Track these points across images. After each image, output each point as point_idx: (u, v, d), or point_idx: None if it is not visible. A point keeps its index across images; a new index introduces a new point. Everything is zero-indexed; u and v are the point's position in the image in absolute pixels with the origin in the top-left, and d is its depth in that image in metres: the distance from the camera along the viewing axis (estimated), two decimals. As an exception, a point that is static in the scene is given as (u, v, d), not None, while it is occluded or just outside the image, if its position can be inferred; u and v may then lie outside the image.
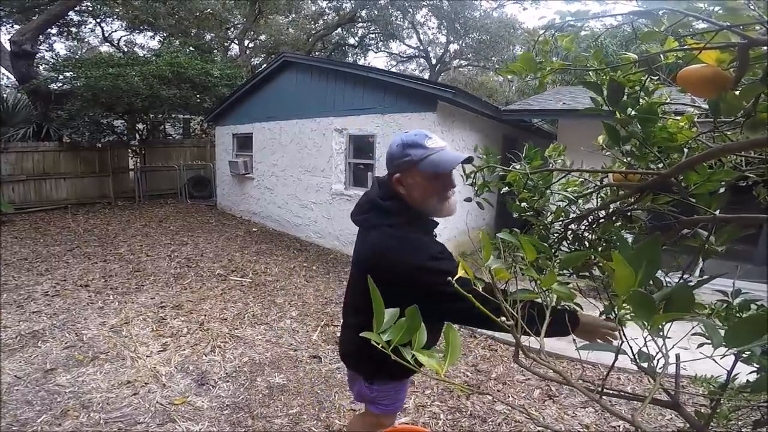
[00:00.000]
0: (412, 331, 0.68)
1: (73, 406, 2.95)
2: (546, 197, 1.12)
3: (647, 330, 0.57)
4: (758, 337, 0.52)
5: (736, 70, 0.71)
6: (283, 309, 4.84)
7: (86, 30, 17.55)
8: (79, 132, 10.48)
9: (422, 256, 1.40)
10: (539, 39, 0.97)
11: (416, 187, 1.47)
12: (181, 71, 10.66)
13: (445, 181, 1.47)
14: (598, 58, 0.94)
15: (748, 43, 0.65)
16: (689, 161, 0.76)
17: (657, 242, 0.57)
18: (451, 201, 1.50)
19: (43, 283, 5.33)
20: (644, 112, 0.88)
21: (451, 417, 2.98)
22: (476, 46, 20.49)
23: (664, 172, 0.82)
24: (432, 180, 1.45)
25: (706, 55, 0.76)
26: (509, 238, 0.89)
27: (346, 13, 20.51)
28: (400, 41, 23.15)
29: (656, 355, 0.69)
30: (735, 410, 0.95)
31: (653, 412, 3.04)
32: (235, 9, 18.70)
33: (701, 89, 0.78)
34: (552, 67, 0.97)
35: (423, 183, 1.45)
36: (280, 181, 8.81)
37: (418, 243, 1.44)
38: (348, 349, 1.78)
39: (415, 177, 1.46)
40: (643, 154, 0.93)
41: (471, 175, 1.30)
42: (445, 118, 6.06)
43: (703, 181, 0.87)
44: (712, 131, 0.94)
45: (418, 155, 1.43)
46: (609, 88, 0.87)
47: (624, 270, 0.54)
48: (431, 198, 1.47)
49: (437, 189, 1.47)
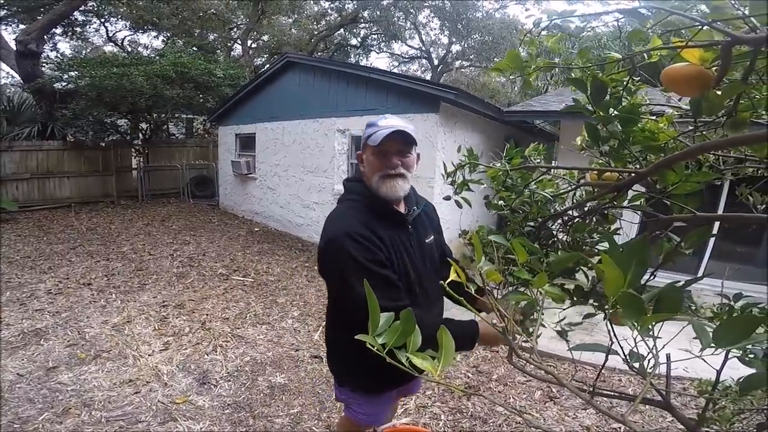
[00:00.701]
0: (406, 334, 0.68)
1: (75, 404, 2.97)
2: (523, 196, 1.13)
3: (637, 330, 0.58)
4: (746, 337, 0.53)
5: (719, 68, 0.72)
6: (285, 309, 4.85)
7: (90, 30, 17.65)
8: (83, 131, 10.54)
9: (337, 229, 1.40)
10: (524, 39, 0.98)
11: (367, 164, 1.52)
12: (185, 71, 10.70)
13: (388, 158, 1.46)
14: (584, 57, 0.94)
15: (731, 41, 0.65)
16: (667, 160, 0.77)
17: (645, 243, 0.57)
18: (394, 181, 1.47)
19: (46, 281, 5.35)
20: (626, 112, 0.88)
21: (452, 418, 2.99)
22: (478, 47, 20.47)
23: (641, 171, 0.83)
24: (376, 155, 1.47)
25: (690, 53, 0.76)
26: (501, 241, 0.89)
27: (349, 14, 20.52)
28: (403, 42, 23.16)
29: (647, 355, 0.70)
30: (738, 413, 0.96)
31: (654, 413, 3.05)
32: (239, 9, 18.77)
33: (685, 88, 0.78)
34: (537, 66, 0.98)
35: (370, 158, 1.49)
36: (282, 181, 8.83)
37: (343, 217, 1.46)
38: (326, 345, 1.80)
39: (366, 153, 1.52)
40: (621, 154, 0.94)
41: (452, 174, 1.30)
42: (447, 119, 6.07)
43: (681, 181, 0.88)
44: (693, 131, 0.94)
45: (369, 132, 1.47)
46: (592, 87, 0.88)
47: (613, 271, 0.55)
48: (374, 174, 1.48)
49: (380, 165, 1.47)
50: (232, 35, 20.09)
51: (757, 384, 0.66)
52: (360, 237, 1.37)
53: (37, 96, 10.92)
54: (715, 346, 0.55)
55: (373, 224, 1.44)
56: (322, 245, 1.44)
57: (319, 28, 21.56)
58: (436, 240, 1.74)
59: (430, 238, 1.68)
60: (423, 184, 5.98)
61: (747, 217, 0.86)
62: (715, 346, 0.55)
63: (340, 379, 1.71)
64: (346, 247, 1.35)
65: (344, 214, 1.48)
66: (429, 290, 1.59)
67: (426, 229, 1.68)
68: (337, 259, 1.38)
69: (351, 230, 1.38)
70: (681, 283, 0.62)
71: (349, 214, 1.47)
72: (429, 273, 1.61)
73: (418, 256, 1.58)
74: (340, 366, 1.68)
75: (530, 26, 0.96)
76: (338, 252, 1.37)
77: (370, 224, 1.44)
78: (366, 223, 1.43)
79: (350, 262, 1.35)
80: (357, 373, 1.61)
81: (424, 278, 1.58)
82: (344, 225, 1.41)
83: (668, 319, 0.56)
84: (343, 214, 1.48)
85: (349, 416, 1.76)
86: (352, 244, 1.36)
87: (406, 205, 1.61)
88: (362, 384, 1.64)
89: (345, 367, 1.66)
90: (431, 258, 1.65)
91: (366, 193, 1.52)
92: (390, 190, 1.47)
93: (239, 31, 19.75)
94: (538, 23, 0.89)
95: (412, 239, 1.58)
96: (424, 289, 1.57)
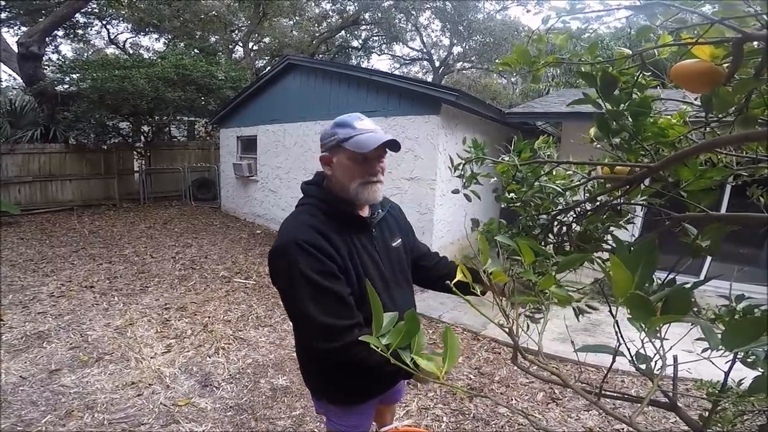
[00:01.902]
0: (411, 335, 0.68)
1: (78, 406, 2.97)
2: (534, 189, 1.12)
3: (644, 332, 0.57)
4: (755, 339, 0.52)
5: (730, 65, 0.71)
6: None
7: (92, 32, 17.79)
8: (85, 134, 10.57)
9: (287, 237, 1.32)
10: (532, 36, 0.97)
11: (339, 167, 1.41)
12: (186, 73, 10.74)
13: (371, 164, 1.39)
14: (593, 53, 0.94)
15: (742, 38, 0.65)
16: (678, 154, 0.76)
17: (653, 243, 0.57)
18: (375, 186, 1.40)
19: (48, 284, 5.36)
20: (637, 105, 0.88)
21: (454, 420, 2.98)
22: (479, 49, 20.50)
23: (653, 165, 0.82)
24: (356, 161, 1.37)
25: (700, 50, 0.76)
26: (508, 241, 0.89)
27: (350, 16, 20.56)
28: (404, 44, 23.20)
29: (654, 356, 0.70)
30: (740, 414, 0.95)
31: (657, 415, 3.04)
32: (240, 11, 18.81)
33: (695, 84, 0.78)
34: (546, 61, 0.97)
35: (347, 163, 1.38)
36: (283, 183, 8.83)
37: (295, 223, 1.37)
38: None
39: (339, 156, 1.40)
40: (633, 147, 0.94)
41: (459, 167, 1.28)
42: (448, 120, 6.07)
43: (696, 178, 0.87)
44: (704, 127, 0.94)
45: (345, 134, 1.36)
46: (602, 81, 0.88)
47: (621, 272, 0.55)
48: (353, 180, 1.39)
49: (361, 172, 1.38)
50: (234, 37, 20.17)
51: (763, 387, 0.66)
52: (310, 246, 1.28)
53: (39, 98, 10.95)
54: (724, 348, 0.55)
55: (328, 231, 1.35)
56: (270, 253, 1.36)
57: (320, 30, 21.61)
58: (405, 242, 1.67)
59: (397, 241, 1.61)
60: (424, 186, 5.98)
61: (753, 217, 0.86)
62: (724, 348, 0.55)
63: (318, 394, 1.62)
64: (294, 256, 1.27)
65: (297, 219, 1.39)
66: (396, 297, 1.51)
67: (392, 231, 1.61)
68: (284, 267, 1.30)
69: (300, 238, 1.29)
70: (689, 285, 0.62)
71: (302, 219, 1.37)
72: (397, 278, 1.55)
73: (385, 261, 1.51)
74: (318, 382, 1.58)
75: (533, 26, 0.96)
76: (285, 260, 1.29)
77: (325, 231, 1.34)
78: (320, 230, 1.34)
79: (297, 274, 1.26)
80: (335, 386, 1.53)
81: (391, 284, 1.51)
82: (295, 232, 1.32)
83: (677, 320, 0.56)
84: (295, 220, 1.39)
85: (330, 429, 1.67)
86: (300, 253, 1.27)
87: (370, 207, 1.54)
88: (341, 397, 1.56)
89: (323, 382, 1.56)
90: (399, 262, 1.58)
91: (325, 197, 1.44)
92: (372, 195, 1.40)
93: (240, 33, 19.82)
94: (546, 20, 0.89)
95: (377, 243, 1.50)
96: (392, 298, 1.50)
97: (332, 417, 1.63)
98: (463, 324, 4.45)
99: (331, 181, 1.47)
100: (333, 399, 1.57)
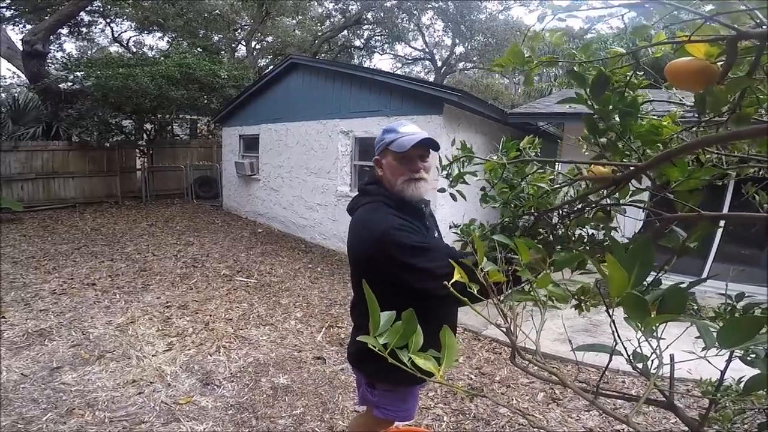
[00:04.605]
0: (408, 334, 0.68)
1: (79, 404, 2.98)
2: (518, 189, 1.13)
3: (641, 331, 0.58)
4: (750, 337, 0.53)
5: (724, 63, 0.71)
6: (288, 310, 4.86)
7: (96, 30, 17.81)
8: (88, 131, 10.58)
9: (383, 227, 1.48)
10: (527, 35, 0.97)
11: (389, 168, 1.62)
12: (190, 72, 10.75)
13: (413, 162, 1.58)
14: (587, 52, 0.94)
15: (737, 35, 0.65)
16: (666, 153, 0.76)
17: (649, 243, 0.57)
18: (418, 184, 1.60)
19: (50, 282, 5.38)
20: (627, 106, 0.88)
21: (454, 419, 2.98)
22: (482, 49, 20.44)
23: (641, 165, 0.82)
24: (400, 161, 1.58)
25: (695, 48, 0.75)
26: (505, 240, 0.89)
27: (352, 15, 20.54)
28: (406, 43, 23.17)
29: (650, 355, 0.70)
30: (740, 413, 0.95)
31: (657, 415, 3.03)
32: (243, 10, 18.83)
33: (689, 82, 0.78)
34: (540, 60, 0.97)
35: (393, 163, 1.60)
36: (285, 182, 8.84)
37: (382, 216, 1.54)
38: (351, 348, 1.80)
39: (387, 158, 1.62)
40: (620, 147, 0.94)
41: (447, 167, 1.31)
42: (451, 120, 6.06)
43: (685, 178, 0.87)
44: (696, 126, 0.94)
45: (390, 138, 1.59)
46: (594, 81, 0.88)
47: (617, 272, 0.55)
48: (398, 178, 1.59)
49: (404, 170, 1.58)
50: (237, 36, 20.18)
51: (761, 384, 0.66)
52: (403, 226, 1.48)
53: (43, 96, 10.99)
54: (719, 347, 0.55)
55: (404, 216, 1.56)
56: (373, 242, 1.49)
57: (323, 30, 21.61)
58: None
59: (436, 234, 1.81)
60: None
61: (750, 216, 0.86)
62: (719, 346, 0.55)
63: (373, 380, 1.72)
64: (398, 239, 1.44)
65: (378, 213, 1.56)
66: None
67: (434, 225, 1.81)
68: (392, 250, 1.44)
69: (394, 224, 1.48)
70: (685, 285, 0.62)
71: (383, 212, 1.55)
72: None
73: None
74: (372, 364, 1.61)
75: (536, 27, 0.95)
76: (391, 244, 1.44)
77: (403, 216, 1.55)
78: (400, 215, 1.54)
79: (407, 249, 1.42)
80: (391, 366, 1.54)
81: None
82: (385, 222, 1.50)
83: (672, 320, 0.56)
84: (377, 213, 1.56)
85: (378, 416, 1.77)
86: (400, 234, 1.45)
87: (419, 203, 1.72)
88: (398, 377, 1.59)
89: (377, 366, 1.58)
90: None
91: (387, 194, 1.62)
92: (415, 191, 1.60)
93: (243, 32, 19.84)
94: (542, 18, 0.89)
95: (429, 233, 1.69)
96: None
97: (388, 405, 1.74)
98: (464, 324, 4.45)
99: (383, 180, 1.67)
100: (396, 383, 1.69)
